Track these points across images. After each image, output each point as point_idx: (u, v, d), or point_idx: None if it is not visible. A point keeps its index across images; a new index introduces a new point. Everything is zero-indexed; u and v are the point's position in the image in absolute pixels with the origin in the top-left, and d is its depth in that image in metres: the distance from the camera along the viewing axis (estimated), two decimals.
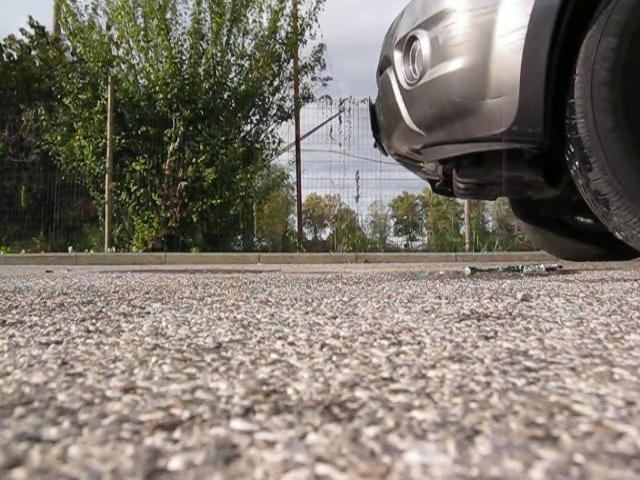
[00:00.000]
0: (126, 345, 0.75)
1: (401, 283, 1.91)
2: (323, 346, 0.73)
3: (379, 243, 8.49)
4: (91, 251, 6.80)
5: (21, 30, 8.70)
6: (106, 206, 7.12)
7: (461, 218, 11.20)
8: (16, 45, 8.77)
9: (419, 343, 0.74)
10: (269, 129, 8.38)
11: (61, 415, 0.44)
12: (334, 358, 0.65)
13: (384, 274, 2.61)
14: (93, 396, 0.50)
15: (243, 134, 8.03)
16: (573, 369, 0.58)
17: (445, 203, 12.88)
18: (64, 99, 7.45)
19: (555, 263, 3.39)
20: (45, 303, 1.30)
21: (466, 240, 8.17)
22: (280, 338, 0.80)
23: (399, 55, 2.32)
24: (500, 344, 0.73)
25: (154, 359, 0.66)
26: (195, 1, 7.39)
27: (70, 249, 6.73)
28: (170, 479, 0.32)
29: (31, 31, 8.70)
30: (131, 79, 7.52)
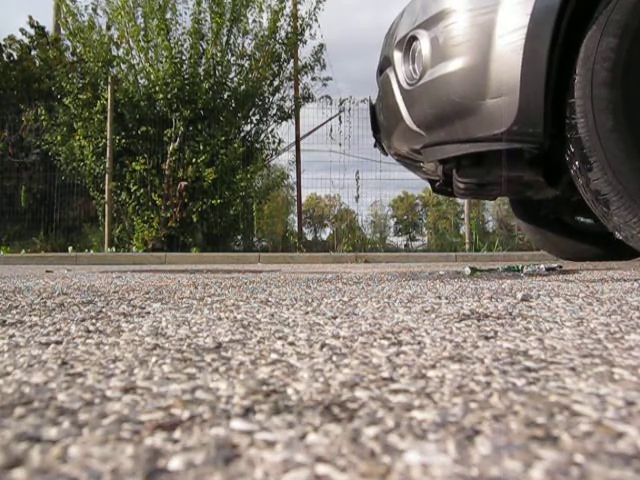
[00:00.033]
0: (126, 345, 0.75)
1: (401, 283, 1.91)
2: (323, 346, 0.73)
3: (379, 243, 8.49)
4: (91, 251, 6.80)
5: (21, 30, 8.71)
6: (106, 206, 7.12)
7: (461, 218, 11.20)
8: (16, 45, 8.77)
9: (419, 343, 0.74)
10: (269, 129, 8.39)
11: (61, 415, 0.44)
12: (334, 358, 0.65)
13: (384, 274, 2.61)
14: (93, 396, 0.50)
15: (243, 134, 8.03)
16: (573, 369, 0.58)
17: (445, 203, 12.88)
18: (64, 99, 7.46)
19: (555, 263, 3.39)
20: (45, 303, 1.30)
21: (466, 240, 8.17)
22: (280, 338, 0.80)
23: (399, 55, 2.32)
24: (500, 344, 0.73)
25: (154, 359, 0.66)
26: (195, 1, 7.39)
27: (70, 249, 6.73)
28: (170, 479, 0.32)
29: (31, 31, 8.71)
30: (131, 79, 7.53)
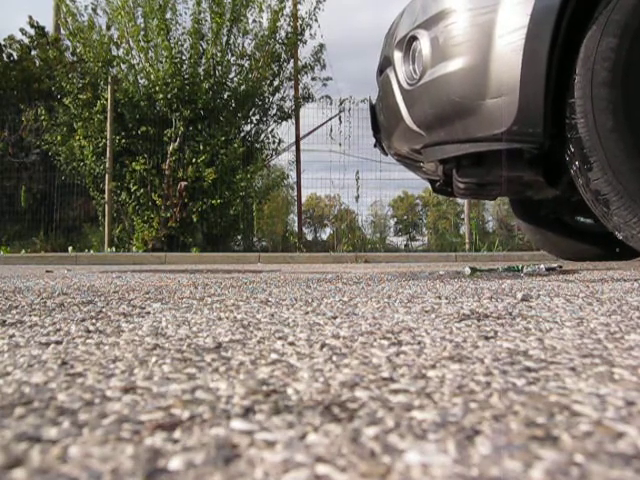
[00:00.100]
0: (126, 345, 0.75)
1: (401, 283, 1.91)
2: (323, 346, 0.73)
3: (379, 243, 8.49)
4: (91, 251, 6.80)
5: (21, 30, 8.70)
6: (106, 206, 7.12)
7: (461, 218, 11.20)
8: (16, 45, 8.77)
9: (419, 343, 0.74)
10: (269, 129, 8.39)
11: (61, 415, 0.44)
12: (334, 358, 0.65)
13: (384, 274, 2.61)
14: (93, 396, 0.50)
15: (243, 134, 8.03)
16: (573, 369, 0.58)
17: (445, 203, 12.87)
18: (64, 99, 7.46)
19: (555, 263, 3.39)
20: (45, 303, 1.30)
21: (466, 240, 8.17)
22: (280, 338, 0.80)
23: (399, 55, 2.32)
24: (500, 344, 0.73)
25: (154, 359, 0.66)
26: (195, 1, 7.39)
27: (70, 249, 6.73)
28: (170, 479, 0.32)
29: (31, 31, 8.71)
30: (131, 79, 7.53)
